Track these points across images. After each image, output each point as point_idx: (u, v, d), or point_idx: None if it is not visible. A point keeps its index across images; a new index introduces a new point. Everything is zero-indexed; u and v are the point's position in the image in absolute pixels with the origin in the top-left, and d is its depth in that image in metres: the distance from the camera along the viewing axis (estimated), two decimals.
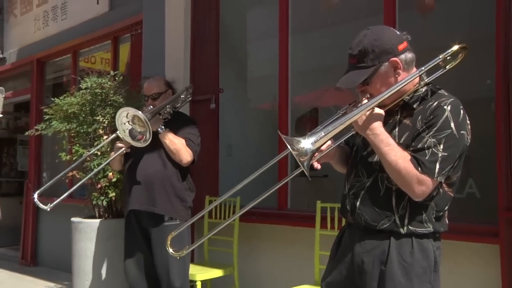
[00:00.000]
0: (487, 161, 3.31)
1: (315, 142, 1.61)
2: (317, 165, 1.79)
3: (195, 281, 3.48)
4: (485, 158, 3.38)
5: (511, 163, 2.69)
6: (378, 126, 1.68)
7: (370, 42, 1.71)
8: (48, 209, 3.24)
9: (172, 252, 2.04)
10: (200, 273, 3.56)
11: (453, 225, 2.74)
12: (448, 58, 1.73)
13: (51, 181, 3.26)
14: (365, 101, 1.71)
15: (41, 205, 3.22)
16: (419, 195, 1.65)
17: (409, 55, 1.74)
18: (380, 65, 1.71)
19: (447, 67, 1.75)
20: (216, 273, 3.65)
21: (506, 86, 2.72)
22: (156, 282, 3.29)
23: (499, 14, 2.76)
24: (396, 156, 1.63)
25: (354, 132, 1.80)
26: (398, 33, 1.78)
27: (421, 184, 1.62)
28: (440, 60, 1.72)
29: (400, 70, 1.72)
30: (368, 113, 1.68)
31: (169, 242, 2.05)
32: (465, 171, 3.79)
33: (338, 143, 1.82)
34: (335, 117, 1.74)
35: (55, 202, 3.24)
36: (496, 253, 2.68)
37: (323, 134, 1.63)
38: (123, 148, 3.22)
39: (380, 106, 1.71)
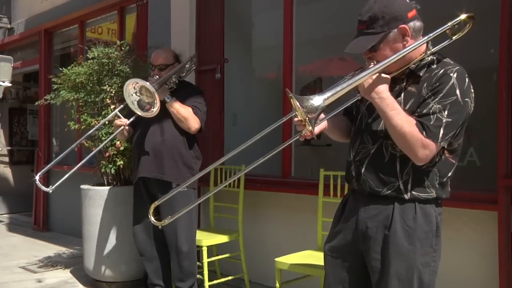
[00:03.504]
0: (487, 130, 3.33)
1: (326, 99, 1.62)
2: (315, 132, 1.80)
3: (202, 246, 3.57)
4: (486, 127, 3.40)
5: (511, 132, 2.72)
6: (384, 90, 1.70)
7: (380, 8, 1.72)
8: (50, 191, 3.28)
9: (154, 221, 2.14)
10: (206, 238, 3.65)
11: (453, 193, 2.79)
12: (455, 27, 1.72)
13: (58, 158, 3.27)
14: (372, 65, 1.72)
15: (43, 188, 3.26)
16: (422, 159, 1.67)
17: (417, 23, 1.75)
18: (389, 32, 1.72)
19: (454, 37, 1.75)
20: (222, 238, 3.73)
21: (509, 56, 2.71)
22: (164, 247, 3.39)
23: None
24: (402, 120, 1.65)
25: (359, 98, 1.82)
26: (407, 0, 1.78)
27: (425, 148, 1.65)
28: (448, 27, 1.72)
29: (408, 38, 1.73)
30: (375, 76, 1.70)
31: (151, 211, 2.14)
32: (466, 140, 3.83)
33: (332, 115, 1.83)
34: (343, 81, 1.73)
35: (57, 184, 3.28)
36: (494, 219, 2.73)
37: (331, 93, 1.65)
38: (122, 127, 3.26)
39: (386, 73, 1.72)
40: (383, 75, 1.71)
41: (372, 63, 1.74)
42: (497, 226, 2.72)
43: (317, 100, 1.61)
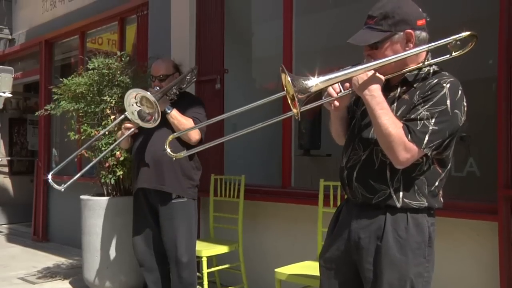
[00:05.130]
0: (487, 140, 3.34)
1: (319, 83, 1.63)
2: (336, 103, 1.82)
3: (201, 257, 3.56)
4: (485, 137, 3.41)
5: (511, 142, 2.71)
6: (376, 89, 1.70)
7: (393, 8, 1.72)
8: (62, 189, 3.29)
9: (170, 152, 2.12)
10: (206, 249, 3.64)
11: (453, 203, 2.81)
12: (457, 43, 1.72)
13: (64, 162, 3.30)
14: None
15: (55, 186, 3.26)
16: (402, 162, 1.67)
17: (423, 34, 1.76)
18: (395, 33, 1.72)
19: (454, 54, 1.74)
20: (222, 249, 3.72)
21: (508, 66, 2.72)
22: (164, 258, 3.38)
23: None
24: (389, 120, 1.65)
25: (353, 99, 1.82)
26: (420, 10, 1.79)
27: (407, 152, 1.65)
28: (450, 41, 1.72)
29: (411, 44, 1.73)
30: (370, 73, 1.70)
31: (168, 142, 2.13)
32: (466, 150, 3.85)
33: (349, 92, 1.80)
34: (339, 70, 1.73)
35: (68, 183, 3.30)
36: (494, 230, 2.73)
37: (325, 79, 1.66)
38: (133, 129, 3.26)
39: (381, 74, 1.72)
40: (378, 74, 1.72)
41: (370, 61, 1.74)
42: (497, 236, 2.72)
43: (311, 82, 1.62)
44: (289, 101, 1.67)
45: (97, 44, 6.25)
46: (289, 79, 1.61)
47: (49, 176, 3.32)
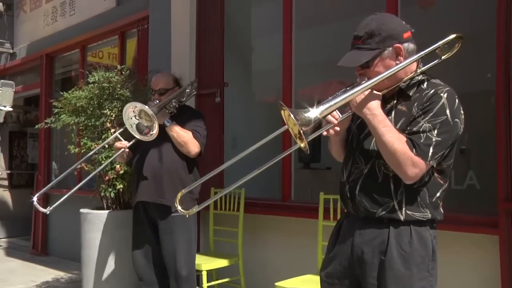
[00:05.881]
0: (487, 153, 3.34)
1: (321, 112, 1.63)
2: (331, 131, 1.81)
3: (201, 271, 3.54)
4: (485, 150, 3.41)
5: (511, 155, 2.72)
6: (376, 107, 1.71)
7: (378, 25, 1.74)
8: (48, 212, 3.29)
9: (181, 209, 2.02)
10: (206, 263, 3.62)
11: (454, 216, 2.81)
12: (445, 46, 1.75)
13: (52, 183, 3.30)
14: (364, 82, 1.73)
15: (40, 209, 3.27)
16: (412, 178, 1.68)
17: (411, 45, 1.77)
18: (384, 49, 1.73)
19: (443, 57, 1.78)
20: (222, 263, 3.71)
21: (506, 80, 2.73)
22: (163, 272, 3.35)
23: (500, 8, 2.78)
24: (393, 137, 1.66)
25: (350, 113, 1.81)
26: (403, 22, 1.81)
27: (415, 166, 1.65)
28: (438, 46, 1.75)
29: (401, 58, 1.74)
30: (367, 92, 1.71)
31: (178, 199, 2.05)
32: (466, 163, 3.85)
33: (349, 114, 1.80)
34: (336, 96, 1.73)
35: (54, 205, 3.28)
36: (495, 243, 2.72)
37: (326, 107, 1.65)
38: (122, 149, 3.27)
39: (377, 90, 1.73)
40: (375, 92, 1.72)
41: (364, 80, 1.75)
42: (498, 250, 2.71)
43: (313, 113, 1.62)
44: (293, 136, 1.66)
45: (98, 58, 6.29)
46: (290, 114, 1.61)
47: (34, 199, 3.31)
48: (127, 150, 3.30)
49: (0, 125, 7.37)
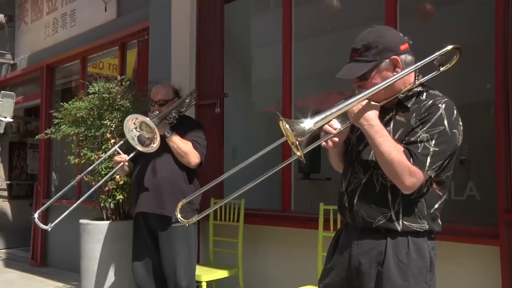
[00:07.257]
0: (487, 164, 3.34)
1: (316, 123, 1.64)
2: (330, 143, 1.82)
3: (201, 282, 3.53)
4: (485, 161, 3.41)
5: (511, 166, 2.72)
6: (373, 117, 1.71)
7: (375, 38, 1.75)
8: (49, 229, 3.30)
9: (181, 218, 2.05)
10: (205, 274, 3.61)
11: (454, 227, 2.80)
12: (442, 57, 1.76)
13: (52, 200, 3.33)
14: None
15: (42, 226, 3.29)
16: (409, 187, 1.67)
17: (409, 57, 1.78)
18: (381, 61, 1.75)
19: (442, 69, 1.78)
20: (221, 274, 3.69)
21: (505, 91, 2.74)
22: (163, 283, 3.34)
23: (498, 20, 2.79)
24: (390, 147, 1.66)
25: (349, 124, 1.82)
26: (401, 34, 1.82)
27: (412, 176, 1.65)
28: (435, 57, 1.76)
29: (399, 69, 1.75)
30: (364, 102, 1.72)
31: (179, 208, 2.07)
32: (466, 174, 3.85)
33: (347, 125, 1.81)
34: (333, 106, 1.74)
35: (55, 222, 3.32)
36: (496, 254, 2.71)
37: (321, 117, 1.66)
38: (121, 163, 3.28)
39: (375, 102, 1.74)
40: (372, 102, 1.73)
41: (362, 92, 1.75)
42: (499, 261, 2.70)
43: (308, 124, 1.63)
44: (291, 146, 1.67)
45: (98, 69, 6.31)
46: (286, 125, 1.62)
47: (36, 215, 3.33)
48: (127, 163, 3.30)
49: (0, 136, 7.37)
